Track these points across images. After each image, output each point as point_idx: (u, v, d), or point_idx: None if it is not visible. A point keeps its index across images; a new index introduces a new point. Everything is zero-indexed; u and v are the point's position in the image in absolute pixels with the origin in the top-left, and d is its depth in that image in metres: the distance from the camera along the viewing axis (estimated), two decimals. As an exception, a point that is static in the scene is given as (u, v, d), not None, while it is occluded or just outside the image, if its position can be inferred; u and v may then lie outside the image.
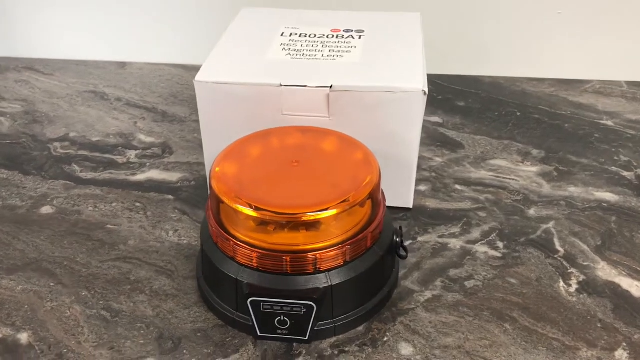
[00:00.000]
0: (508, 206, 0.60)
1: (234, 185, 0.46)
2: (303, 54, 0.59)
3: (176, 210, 0.60)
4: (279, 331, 0.46)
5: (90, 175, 0.65)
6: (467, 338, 0.46)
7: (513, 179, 0.63)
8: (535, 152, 0.68)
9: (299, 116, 0.55)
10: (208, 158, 0.59)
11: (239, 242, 0.45)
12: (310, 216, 0.43)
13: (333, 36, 0.62)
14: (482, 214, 0.59)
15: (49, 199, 0.61)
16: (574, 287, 0.50)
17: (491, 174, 0.64)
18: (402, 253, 0.50)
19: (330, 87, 0.53)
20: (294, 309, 0.44)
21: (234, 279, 0.45)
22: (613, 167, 0.65)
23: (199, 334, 0.47)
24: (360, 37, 0.62)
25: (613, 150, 0.68)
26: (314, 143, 0.51)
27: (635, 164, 0.65)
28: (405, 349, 0.45)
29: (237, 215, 0.45)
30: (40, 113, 0.77)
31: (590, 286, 0.50)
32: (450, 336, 0.46)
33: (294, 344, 0.46)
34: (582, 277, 0.51)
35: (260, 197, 0.45)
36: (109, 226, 0.58)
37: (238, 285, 0.45)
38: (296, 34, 0.63)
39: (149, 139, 0.71)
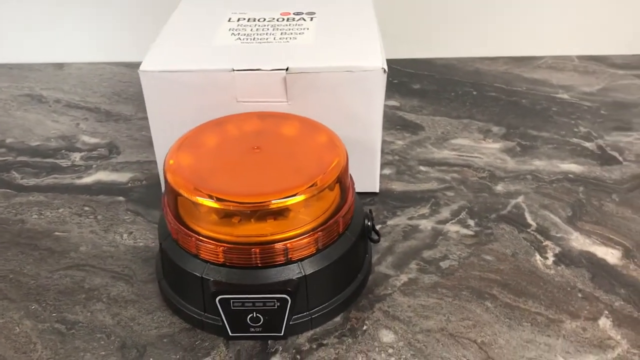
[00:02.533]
0: (475, 184, 0.58)
1: (192, 177, 0.42)
2: (254, 38, 0.56)
3: (129, 212, 0.56)
4: (252, 329, 0.43)
5: (32, 181, 0.60)
6: (449, 320, 0.44)
7: (477, 157, 0.62)
8: (495, 129, 0.67)
9: (255, 102, 0.52)
10: (159, 153, 0.56)
11: (201, 238, 0.42)
12: (278, 203, 0.41)
13: (283, 19, 0.60)
14: (449, 193, 0.57)
15: (-13, 210, 0.56)
16: (551, 259, 0.49)
17: (454, 153, 0.63)
18: (374, 237, 0.48)
19: (287, 69, 0.51)
20: (267, 304, 0.42)
21: (199, 277, 0.42)
22: (574, 139, 0.64)
23: (165, 340, 0.43)
24: (312, 19, 0.60)
25: (572, 122, 0.67)
26: (274, 128, 0.48)
27: (594, 135, 0.65)
28: (387, 336, 0.43)
29: (197, 208, 0.42)
30: (-28, 120, 0.71)
31: (567, 257, 0.49)
32: (431, 319, 0.44)
33: (269, 341, 0.43)
34: (557, 249, 0.50)
35: (222, 187, 0.42)
36: (57, 233, 0.53)
37: (204, 283, 0.42)
38: (244, 19, 0.60)
39: (94, 140, 0.67)
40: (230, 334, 0.43)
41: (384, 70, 0.51)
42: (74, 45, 0.84)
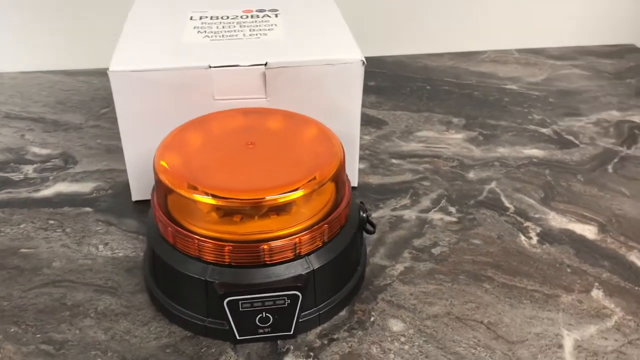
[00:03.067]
0: (447, 173, 0.59)
1: (190, 176, 0.40)
2: (223, 35, 0.54)
3: (100, 222, 0.53)
4: (261, 330, 0.41)
5: (-17, 197, 0.55)
6: (453, 304, 0.45)
7: (444, 147, 0.63)
8: (455, 120, 0.68)
9: (232, 100, 0.50)
10: (130, 158, 0.53)
11: (204, 239, 0.40)
12: (283, 198, 0.39)
13: (247, 16, 0.58)
14: (425, 183, 0.58)
15: (-63, 231, 0.51)
16: (535, 239, 0.51)
17: (421, 145, 0.64)
18: (370, 228, 0.47)
19: (265, 64, 0.49)
20: (277, 303, 0.40)
21: (202, 280, 0.40)
22: (530, 126, 0.67)
23: (167, 350, 0.41)
24: (277, 16, 0.59)
25: (525, 111, 0.70)
26: (264, 123, 0.47)
27: (548, 121, 0.68)
28: (396, 325, 0.43)
29: (198, 208, 0.40)
30: None
31: (549, 236, 0.51)
32: (435, 305, 0.45)
33: (278, 342, 0.42)
34: (538, 229, 0.52)
35: (223, 185, 0.40)
36: (23, 250, 0.49)
37: (208, 287, 0.40)
38: (207, 17, 0.58)
39: (45, 151, 0.62)
40: (238, 337, 0.41)
41: (363, 62, 0.51)
42: (5, 55, 0.79)
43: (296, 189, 0.40)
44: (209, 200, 0.39)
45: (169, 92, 0.50)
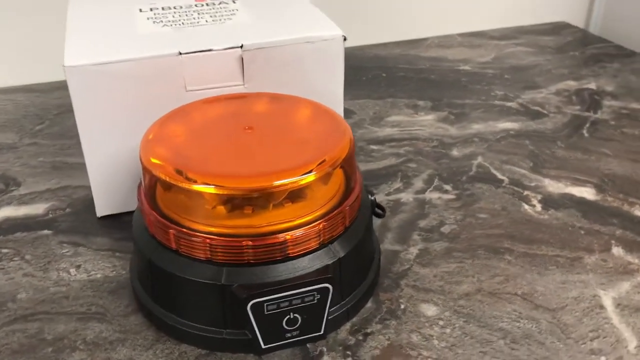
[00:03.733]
0: (431, 153, 0.57)
1: (188, 168, 0.35)
2: (182, 23, 0.49)
3: (64, 245, 0.45)
4: (289, 334, 0.36)
5: None
6: (480, 280, 0.42)
7: (419, 129, 0.61)
8: (421, 103, 0.66)
9: (207, 90, 0.45)
10: (93, 167, 0.46)
11: (215, 237, 0.34)
12: (302, 180, 0.35)
13: (202, 5, 0.53)
14: (412, 164, 0.55)
15: None
16: (538, 206, 0.49)
17: (396, 129, 0.61)
18: (379, 212, 0.43)
19: (241, 46, 0.45)
20: (306, 300, 0.35)
21: (217, 285, 0.35)
22: (496, 102, 0.66)
23: (183, 373, 0.35)
24: (234, 2, 0.54)
25: (486, 88, 0.69)
26: (255, 107, 0.42)
27: (511, 95, 0.67)
28: (429, 310, 0.39)
29: (203, 204, 0.35)
30: None
31: (551, 201, 0.50)
32: (463, 283, 0.41)
33: (308, 345, 0.37)
34: (539, 196, 0.50)
35: (229, 173, 0.35)
36: (-23, 286, 0.42)
37: (225, 292, 0.35)
38: (157, 8, 0.52)
39: (-22, 176, 0.54)
40: (263, 346, 0.36)
41: (344, 38, 0.47)
42: None
43: (311, 171, 0.35)
44: (213, 190, 0.34)
45: (136, 86, 0.44)
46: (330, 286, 0.35)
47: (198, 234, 0.35)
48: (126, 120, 0.44)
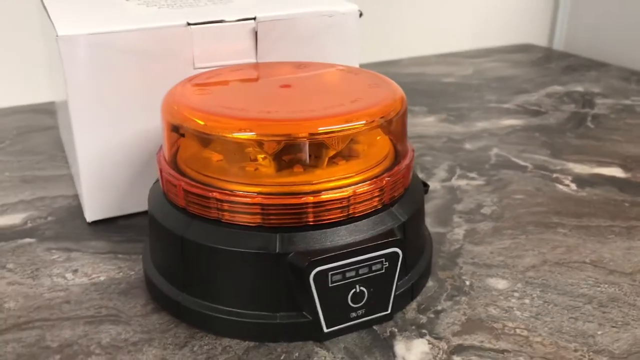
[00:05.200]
0: (444, 147, 0.53)
1: (234, 116, 0.30)
2: (180, 6, 0.44)
3: (53, 251, 0.38)
4: (353, 314, 0.30)
5: None
6: (541, 252, 0.38)
7: (424, 128, 0.58)
8: (416, 108, 0.63)
9: (217, 65, 0.40)
10: (85, 155, 0.39)
11: (270, 196, 0.29)
12: (353, 129, 0.30)
13: (194, -4, 0.49)
14: (428, 158, 0.51)
15: None
16: (572, 185, 0.46)
17: (398, 130, 0.57)
18: (423, 186, 0.39)
19: (254, 18, 0.41)
20: (373, 268, 0.30)
21: (272, 255, 0.29)
22: (491, 104, 0.64)
23: (234, 368, 0.28)
24: (228, -6, 0.50)
25: (477, 94, 0.68)
26: (285, 70, 0.37)
27: (504, 99, 0.66)
28: (499, 283, 0.35)
29: (246, 162, 0.30)
30: None
31: (584, 181, 0.47)
32: (524, 257, 0.37)
33: (375, 327, 0.31)
34: (570, 177, 0.47)
35: (275, 119, 0.30)
36: (-49, 299, 0.34)
37: (281, 262, 0.29)
38: (146, -2, 0.48)
39: None
40: (326, 329, 0.30)
41: (360, 13, 0.44)
42: None
43: (364, 121, 0.31)
44: (265, 138, 0.29)
45: (138, 61, 0.38)
46: (399, 251, 0.30)
47: (247, 193, 0.29)
48: (126, 102, 0.39)
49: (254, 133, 0.29)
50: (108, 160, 0.40)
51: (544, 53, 0.85)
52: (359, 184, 0.30)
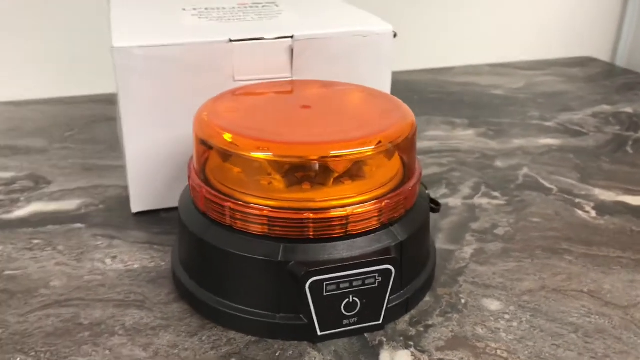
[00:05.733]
0: (474, 163, 0.55)
1: (252, 138, 0.33)
2: (229, 19, 0.48)
3: (98, 237, 0.43)
4: (346, 321, 0.33)
5: (-61, 223, 0.44)
6: (542, 277, 0.39)
7: (459, 142, 0.59)
8: (458, 121, 0.65)
9: (255, 80, 0.44)
10: (133, 153, 0.44)
11: (275, 210, 0.32)
12: (359, 154, 0.33)
13: (246, 7, 0.53)
14: (456, 173, 0.53)
15: None
16: (593, 212, 0.47)
17: (435, 142, 0.60)
18: (434, 206, 0.41)
19: (292, 37, 0.44)
20: (366, 282, 0.33)
21: (274, 262, 0.32)
22: (533, 121, 0.65)
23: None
24: (277, 5, 0.54)
25: (521, 110, 0.68)
26: (309, 90, 0.41)
27: (548, 116, 0.66)
28: (492, 304, 0.37)
29: (260, 177, 0.33)
30: None
31: (605, 208, 0.48)
32: (524, 280, 0.39)
33: (366, 335, 0.34)
34: (592, 204, 0.48)
35: (293, 144, 0.33)
36: (7, 272, 0.39)
37: (281, 269, 0.32)
38: (203, 8, 0.52)
39: (7, 174, 0.52)
40: (319, 332, 0.33)
41: (395, 34, 0.47)
42: None
43: (371, 145, 0.33)
44: (277, 158, 0.32)
45: (183, 72, 0.43)
46: (392, 268, 0.33)
47: (256, 206, 0.33)
48: (171, 109, 0.43)
49: (268, 153, 0.32)
50: (153, 158, 0.45)
51: (604, 68, 0.84)
52: (358, 205, 0.33)
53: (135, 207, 0.46)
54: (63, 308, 0.36)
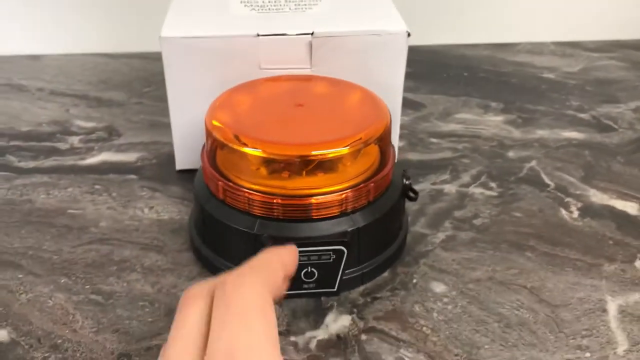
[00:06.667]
0: (487, 151, 0.59)
1: (240, 132, 0.41)
2: (269, 9, 0.55)
3: (144, 189, 0.54)
4: (305, 285, 0.42)
5: (31, 164, 0.57)
6: (495, 269, 0.45)
7: (483, 128, 0.64)
8: (493, 104, 0.68)
9: (278, 69, 0.51)
10: (177, 125, 0.54)
11: (253, 192, 0.41)
12: (331, 154, 0.40)
13: (292, -6, 0.60)
14: (465, 160, 0.58)
15: (-12, 192, 0.53)
16: (576, 213, 0.51)
17: (460, 126, 0.64)
18: (412, 195, 0.47)
19: (312, 34, 0.50)
20: (322, 257, 0.41)
21: (251, 234, 0.41)
22: (569, 111, 0.67)
23: (213, 303, 0.42)
24: (320, -6, 0.60)
25: (562, 97, 0.70)
26: (311, 87, 0.48)
27: (586, 107, 0.68)
28: (438, 287, 0.43)
29: (247, 164, 0.41)
30: (-50, 109, 0.67)
31: (590, 210, 0.51)
32: (477, 270, 0.45)
33: (322, 298, 0.42)
34: (579, 204, 0.52)
35: (272, 140, 0.41)
36: (70, 211, 0.51)
37: (256, 240, 0.41)
38: (253, -6, 0.59)
39: (89, 124, 0.64)
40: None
41: (408, 34, 0.51)
42: (48, 37, 0.81)
43: (344, 146, 0.40)
44: (258, 153, 0.40)
45: (217, 59, 0.51)
46: (345, 249, 0.40)
47: (240, 188, 0.41)
48: (207, 89, 0.51)
49: (255, 149, 0.40)
50: (191, 127, 0.53)
51: (678, 55, 0.82)
52: (321, 195, 0.40)
53: (179, 165, 0.56)
54: (103, 245, 0.47)
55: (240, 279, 0.29)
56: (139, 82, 0.73)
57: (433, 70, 0.77)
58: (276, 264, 0.32)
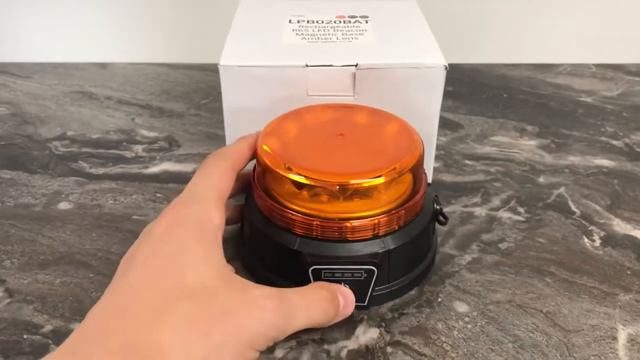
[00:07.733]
0: (518, 176, 0.63)
1: (286, 159, 0.46)
2: (318, 38, 0.60)
3: (199, 198, 0.59)
4: (339, 299, 0.46)
5: (101, 170, 0.63)
6: (515, 293, 0.49)
7: (517, 152, 0.67)
8: (529, 127, 0.72)
9: (324, 96, 0.56)
10: (231, 141, 0.59)
11: (295, 213, 0.46)
12: (366, 183, 0.45)
13: (340, 21, 0.64)
14: (497, 184, 0.62)
15: (63, 195, 0.59)
16: (597, 242, 0.54)
17: (495, 149, 0.68)
18: (442, 219, 0.52)
19: (356, 65, 0.55)
20: (355, 275, 0.45)
21: (292, 250, 0.46)
22: (602, 138, 0.70)
23: (257, 310, 0.47)
24: (367, 22, 0.64)
25: (598, 123, 0.73)
26: (352, 117, 0.52)
27: (621, 134, 0.70)
28: (461, 307, 0.47)
29: (291, 187, 0.46)
30: (29, 114, 0.74)
31: (612, 240, 0.54)
32: (498, 292, 0.49)
33: (354, 312, 0.47)
34: (602, 233, 0.55)
35: (314, 168, 0.45)
36: (135, 217, 0.57)
37: (296, 256, 0.46)
38: (304, 21, 0.64)
39: (152, 134, 0.70)
40: (319, 304, 0.47)
41: (445, 67, 0.55)
42: (115, 46, 0.88)
43: (378, 176, 0.45)
44: (302, 180, 0.45)
45: (269, 86, 0.56)
46: (375, 269, 0.45)
47: (284, 209, 0.46)
48: (259, 113, 0.56)
49: (298, 175, 0.45)
50: (244, 145, 0.59)
51: None
52: (355, 220, 0.45)
53: (231, 177, 0.62)
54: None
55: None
56: (198, 94, 0.79)
57: (473, 89, 0.80)
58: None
